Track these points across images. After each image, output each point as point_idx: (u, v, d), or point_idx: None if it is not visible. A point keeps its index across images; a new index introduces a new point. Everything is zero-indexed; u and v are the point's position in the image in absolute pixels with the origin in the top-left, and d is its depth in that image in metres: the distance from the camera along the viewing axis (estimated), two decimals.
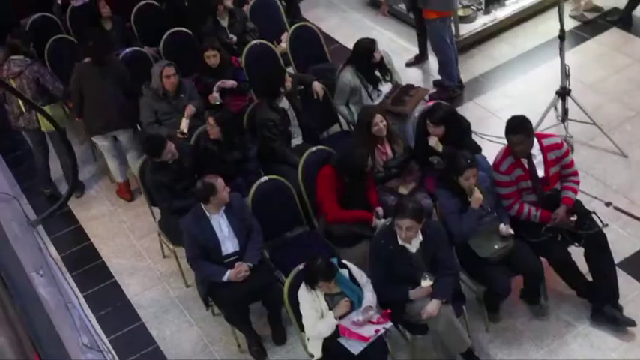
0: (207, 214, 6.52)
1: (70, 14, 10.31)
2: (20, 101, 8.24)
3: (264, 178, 7.14)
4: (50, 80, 8.34)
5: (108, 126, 8.38)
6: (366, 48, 7.84)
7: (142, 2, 10.17)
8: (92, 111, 8.33)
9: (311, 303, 5.91)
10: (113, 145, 8.58)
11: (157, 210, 7.63)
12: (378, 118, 7.06)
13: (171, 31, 9.40)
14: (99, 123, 8.35)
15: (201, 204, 6.51)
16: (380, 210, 6.84)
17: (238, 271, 6.44)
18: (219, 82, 8.38)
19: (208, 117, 7.42)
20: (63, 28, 10.22)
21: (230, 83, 8.45)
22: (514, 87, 9.22)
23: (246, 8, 9.83)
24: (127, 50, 9.23)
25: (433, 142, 7.03)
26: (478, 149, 7.25)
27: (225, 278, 6.43)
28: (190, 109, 8.06)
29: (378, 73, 7.95)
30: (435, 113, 7.03)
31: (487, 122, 8.59)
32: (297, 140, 7.86)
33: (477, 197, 6.21)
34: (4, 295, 1.97)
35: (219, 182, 6.45)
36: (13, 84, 8.17)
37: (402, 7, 9.79)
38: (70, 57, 9.26)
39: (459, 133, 7.11)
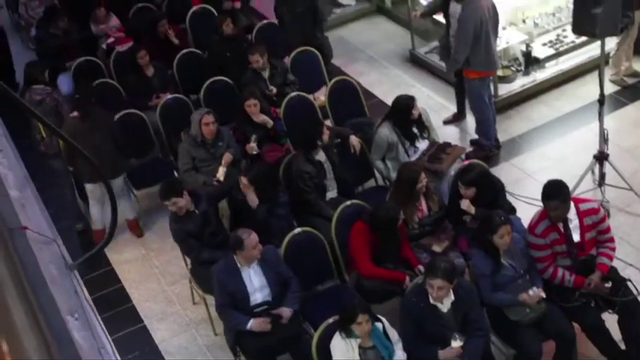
0: (239, 265, 6.51)
1: (114, 59, 10.48)
2: (41, 127, 8.48)
3: (297, 230, 7.14)
4: (66, 109, 8.62)
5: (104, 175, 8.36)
6: (405, 104, 7.88)
7: (185, 50, 10.32)
8: (83, 162, 8.25)
9: (344, 352, 5.85)
10: (102, 192, 8.57)
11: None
12: (423, 176, 7.06)
13: (212, 79, 9.51)
14: (91, 174, 8.35)
15: (234, 256, 6.52)
16: (421, 268, 6.77)
17: (262, 322, 6.41)
18: (254, 117, 8.51)
19: (241, 177, 7.40)
20: (106, 73, 10.38)
21: (262, 118, 8.51)
22: (551, 149, 9.19)
23: (288, 60, 9.94)
24: (168, 97, 9.35)
25: (465, 204, 7.00)
26: (513, 210, 7.21)
27: (248, 326, 6.41)
28: (228, 157, 8.13)
29: (415, 129, 7.97)
30: (467, 174, 7.02)
31: (523, 183, 8.56)
32: (332, 193, 7.87)
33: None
34: (50, 339, 1.99)
35: (251, 239, 6.42)
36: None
37: (443, 65, 9.82)
38: (111, 101, 9.44)
39: (492, 194, 7.09)
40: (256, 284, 6.52)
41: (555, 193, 6.19)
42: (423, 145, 8.00)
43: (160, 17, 10.72)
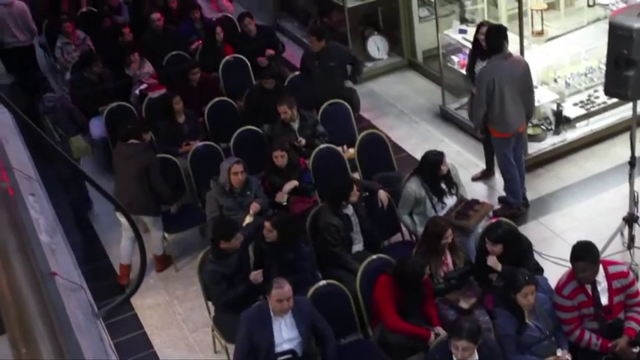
0: (272, 314, 6.48)
1: (146, 105, 10.59)
2: (55, 132, 9.49)
3: (322, 282, 7.12)
4: (76, 111, 9.97)
5: (129, 207, 8.33)
6: (434, 160, 7.88)
7: (217, 99, 10.41)
8: (117, 188, 8.70)
9: None
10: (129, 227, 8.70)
11: (212, 304, 7.65)
12: (449, 232, 7.04)
13: (242, 128, 9.58)
14: (122, 201, 8.38)
15: (268, 303, 6.50)
16: (440, 330, 6.70)
17: None
18: (285, 186, 8.53)
19: (265, 221, 7.44)
20: (138, 118, 10.46)
21: (291, 184, 8.55)
22: (580, 210, 9.12)
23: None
24: (199, 144, 9.42)
25: (492, 261, 6.96)
26: (539, 270, 7.15)
27: None
28: (255, 207, 8.16)
29: (443, 185, 7.95)
30: (494, 231, 7.00)
31: (551, 243, 8.48)
32: (357, 246, 7.84)
33: None
34: None
35: (277, 292, 6.37)
36: (49, 120, 9.59)
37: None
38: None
39: (519, 252, 7.04)
40: (285, 336, 6.49)
41: (585, 254, 6.14)
42: (450, 201, 7.98)
43: (192, 65, 10.83)
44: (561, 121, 10.12)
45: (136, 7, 13.37)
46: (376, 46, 12.74)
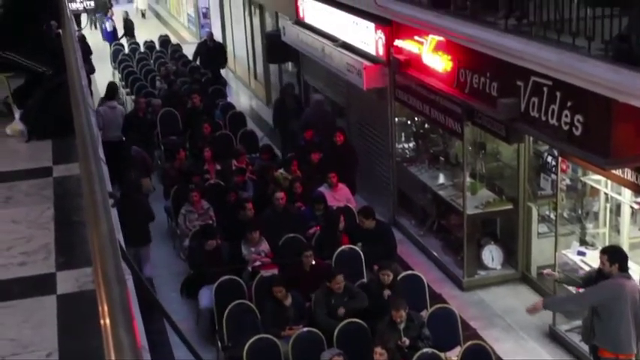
0: None
1: (256, 282, 10.72)
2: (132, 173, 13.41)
3: None
4: (148, 160, 15.32)
5: None
6: None
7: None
8: None
9: None
10: None
11: None
12: None
13: (347, 321, 9.54)
14: None
15: None
16: None
17: None
18: None
19: None
20: (247, 294, 10.59)
21: None
22: None
23: (425, 314, 9.90)
24: (303, 330, 9.41)
25: None
26: None
27: None
28: None
29: None
30: None
31: None
32: None
33: None
34: None
35: None
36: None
37: (584, 345, 9.57)
38: (246, 323, 9.61)
39: None
40: None
41: None
42: None
43: (306, 247, 10.96)
44: None
45: (261, 184, 13.76)
46: (491, 255, 12.66)
